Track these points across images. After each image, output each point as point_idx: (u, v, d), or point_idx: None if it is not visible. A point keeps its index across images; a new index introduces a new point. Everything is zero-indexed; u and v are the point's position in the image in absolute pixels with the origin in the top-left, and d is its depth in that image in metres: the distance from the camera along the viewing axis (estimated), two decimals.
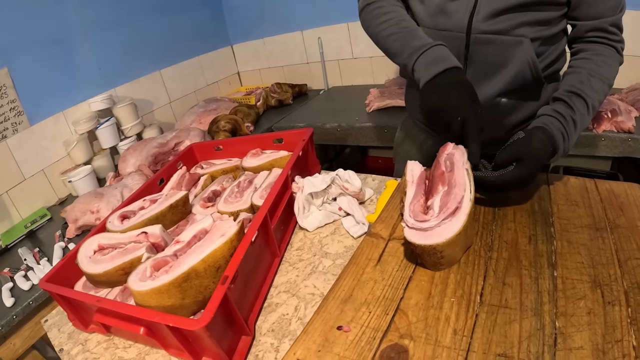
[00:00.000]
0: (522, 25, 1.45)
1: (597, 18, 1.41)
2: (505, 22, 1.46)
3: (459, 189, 1.15)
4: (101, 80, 3.62)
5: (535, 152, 1.28)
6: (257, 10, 4.50)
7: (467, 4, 1.49)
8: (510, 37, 1.47)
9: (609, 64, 1.42)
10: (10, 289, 2.16)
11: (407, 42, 1.50)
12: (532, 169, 1.27)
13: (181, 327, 1.01)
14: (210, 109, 3.76)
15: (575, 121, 1.35)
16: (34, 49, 3.13)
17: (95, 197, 2.49)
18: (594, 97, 1.37)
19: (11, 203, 3.02)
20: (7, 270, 2.34)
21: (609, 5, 1.39)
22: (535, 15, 1.45)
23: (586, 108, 1.37)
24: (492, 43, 1.50)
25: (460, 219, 1.07)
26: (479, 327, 0.90)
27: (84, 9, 3.43)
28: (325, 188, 1.57)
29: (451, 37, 1.54)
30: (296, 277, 1.38)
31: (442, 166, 1.25)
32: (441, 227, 1.07)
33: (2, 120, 2.94)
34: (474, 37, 1.51)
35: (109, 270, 1.36)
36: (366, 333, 0.94)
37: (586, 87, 1.38)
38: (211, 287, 1.18)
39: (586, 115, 1.37)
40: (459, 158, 1.24)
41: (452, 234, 1.05)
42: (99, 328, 1.39)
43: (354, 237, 1.48)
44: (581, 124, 1.36)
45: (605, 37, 1.43)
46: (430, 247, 1.04)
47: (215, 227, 1.27)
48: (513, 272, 1.04)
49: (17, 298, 2.09)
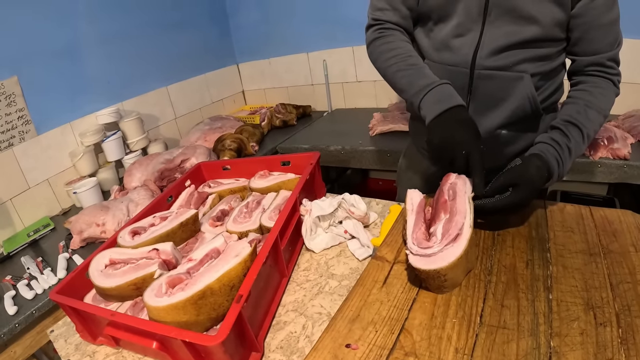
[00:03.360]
0: (523, 62, 1.51)
1: (596, 54, 1.47)
2: (507, 59, 1.51)
3: (459, 217, 1.21)
4: (109, 93, 3.66)
5: (531, 178, 1.34)
6: (264, 30, 4.53)
7: (472, 41, 1.55)
8: (512, 73, 1.52)
9: (605, 96, 1.49)
10: (12, 297, 2.17)
11: (414, 79, 1.56)
12: (528, 194, 1.32)
13: (198, 343, 1.03)
14: (215, 127, 3.77)
15: (570, 149, 1.41)
16: (44, 60, 3.18)
17: (101, 210, 2.50)
18: (589, 126, 1.44)
19: (14, 211, 3.04)
20: (10, 278, 2.36)
21: (606, 41, 1.46)
22: (535, 52, 1.51)
23: (581, 137, 1.43)
24: (495, 78, 1.55)
25: (461, 244, 1.13)
26: (479, 346, 0.94)
27: (94, 22, 3.48)
28: (332, 211, 1.60)
29: (456, 72, 1.60)
30: (303, 296, 1.40)
31: (445, 195, 1.30)
32: (444, 252, 1.12)
33: (10, 128, 2.96)
34: (477, 72, 1.56)
35: (121, 284, 1.39)
36: (373, 351, 0.98)
37: (582, 117, 1.44)
38: (225, 304, 1.21)
39: (581, 144, 1.43)
40: (461, 187, 1.30)
41: (454, 258, 1.10)
42: (108, 341, 1.40)
43: (359, 260, 1.50)
44: (576, 152, 1.43)
45: (603, 70, 1.49)
46: (435, 271, 1.09)
47: (229, 248, 1.31)
48: (511, 294, 1.08)
49: (20, 307, 2.09)
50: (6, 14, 2.93)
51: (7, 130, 2.96)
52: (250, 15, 4.57)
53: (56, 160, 3.30)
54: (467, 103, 1.64)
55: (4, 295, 2.17)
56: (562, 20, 1.44)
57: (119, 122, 3.57)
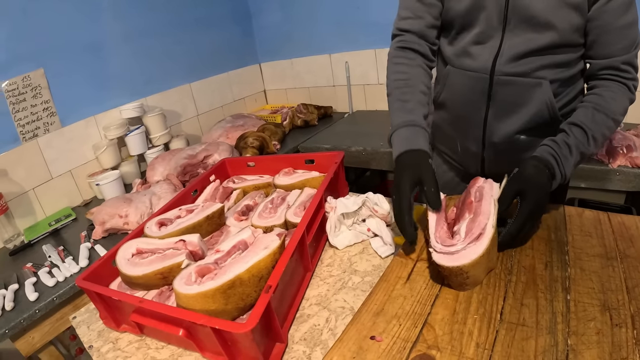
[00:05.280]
0: (542, 68, 1.53)
1: (610, 57, 1.48)
2: (526, 65, 1.54)
3: (483, 217, 1.24)
4: (133, 88, 3.71)
5: (532, 179, 1.34)
6: (286, 31, 4.55)
7: (492, 48, 1.58)
8: (531, 79, 1.55)
9: (616, 100, 1.48)
10: (33, 283, 2.20)
11: (396, 114, 1.63)
12: (537, 196, 1.31)
13: (228, 330, 1.06)
14: (237, 124, 3.79)
15: (569, 146, 1.42)
16: (70, 54, 3.23)
17: (124, 202, 2.54)
18: (594, 128, 1.43)
19: (36, 200, 3.09)
20: (30, 265, 2.40)
21: (621, 45, 1.45)
22: (554, 58, 1.52)
23: (585, 138, 1.43)
24: (513, 84, 1.57)
25: (483, 243, 1.16)
26: (499, 341, 0.97)
27: (121, 19, 3.53)
28: (356, 209, 1.62)
29: (476, 78, 1.64)
30: (327, 291, 1.43)
31: (472, 196, 1.34)
32: (467, 250, 1.16)
33: (35, 119, 3.02)
34: (497, 78, 1.59)
35: (148, 273, 1.41)
36: (397, 343, 1.01)
37: (588, 120, 1.45)
38: (252, 295, 1.24)
39: (586, 144, 1.43)
40: (488, 190, 1.34)
41: (476, 255, 1.13)
42: (132, 328, 1.44)
43: (381, 257, 1.52)
44: (579, 150, 1.43)
45: (617, 74, 1.49)
46: (457, 268, 1.13)
47: (258, 240, 1.34)
48: (530, 294, 1.10)
49: (41, 293, 2.13)
50: (35, 7, 2.98)
51: (32, 121, 3.01)
52: (273, 16, 4.59)
53: (79, 152, 3.35)
54: (487, 109, 1.67)
55: (24, 282, 2.21)
56: (579, 25, 1.46)
57: (143, 117, 3.60)
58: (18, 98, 2.95)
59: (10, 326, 1.98)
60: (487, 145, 1.74)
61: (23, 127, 2.99)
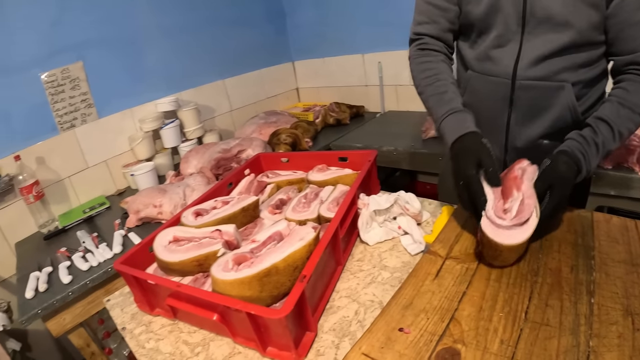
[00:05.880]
0: (563, 71, 1.53)
1: (632, 52, 1.45)
2: (548, 68, 1.54)
3: (530, 202, 1.28)
4: (168, 83, 3.77)
5: (563, 175, 1.36)
6: (320, 30, 4.55)
7: (512, 51, 1.58)
8: (553, 83, 1.55)
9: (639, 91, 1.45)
10: (67, 267, 2.27)
11: (436, 107, 1.65)
12: (564, 191, 1.35)
13: (264, 316, 1.10)
14: (270, 121, 3.81)
15: (597, 143, 1.42)
16: (108, 48, 3.30)
17: (158, 192, 2.59)
18: (619, 123, 1.43)
19: (72, 188, 3.18)
20: (65, 250, 2.46)
21: None
22: (575, 59, 1.52)
23: (611, 133, 1.43)
24: (535, 88, 1.58)
25: (527, 231, 1.22)
26: (522, 339, 0.99)
27: (157, 15, 3.60)
28: (388, 207, 1.64)
29: (497, 83, 1.65)
30: (357, 284, 1.46)
31: (515, 172, 1.37)
32: (511, 231, 1.23)
33: (73, 110, 3.10)
34: (519, 83, 1.60)
35: (184, 260, 1.47)
36: (424, 336, 1.04)
37: (613, 115, 1.44)
38: (286, 284, 1.28)
39: (612, 140, 1.43)
40: (530, 172, 1.37)
41: (516, 241, 1.21)
42: (165, 312, 1.49)
43: (411, 254, 1.55)
44: (605, 147, 1.43)
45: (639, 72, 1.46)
46: (496, 243, 1.20)
47: (294, 231, 1.38)
48: (555, 295, 1.12)
49: (75, 277, 2.19)
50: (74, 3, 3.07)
51: (70, 112, 3.10)
52: (307, 15, 4.60)
53: (115, 143, 3.42)
54: (509, 114, 1.68)
55: (58, 265, 2.27)
56: (597, 22, 1.45)
57: (177, 111, 3.66)
58: (57, 89, 3.03)
59: (44, 306, 2.04)
60: (510, 149, 1.75)
61: (61, 118, 3.07)
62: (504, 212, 1.30)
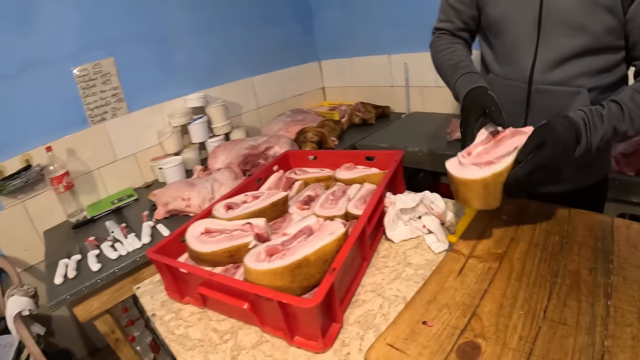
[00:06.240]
0: (580, 76, 1.55)
1: None
2: (564, 73, 1.56)
3: (501, 150, 1.35)
4: (197, 79, 3.82)
5: (557, 133, 1.32)
6: (347, 30, 4.55)
7: (528, 55, 1.62)
8: (569, 88, 1.57)
9: None
10: (96, 255, 2.33)
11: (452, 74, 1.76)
12: (555, 151, 1.31)
13: (295, 305, 1.14)
14: (297, 119, 3.84)
15: (602, 115, 1.37)
16: (139, 44, 3.38)
17: (187, 186, 2.64)
18: (632, 108, 1.38)
19: (101, 179, 3.26)
20: (93, 239, 2.53)
21: None
22: (591, 63, 1.53)
23: (621, 113, 1.37)
24: (552, 93, 1.60)
25: (484, 172, 1.30)
26: (540, 336, 1.03)
27: (187, 12, 3.66)
28: (413, 206, 1.67)
29: (514, 86, 1.70)
30: (382, 280, 1.48)
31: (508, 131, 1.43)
32: (468, 169, 1.33)
33: (104, 104, 3.18)
34: (535, 87, 1.64)
35: (216, 251, 1.52)
36: (446, 329, 1.09)
37: (627, 98, 1.39)
38: (316, 276, 1.32)
39: (621, 120, 1.37)
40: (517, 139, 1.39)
41: (470, 177, 1.32)
42: (195, 300, 1.54)
43: (434, 253, 1.57)
44: (611, 122, 1.37)
45: None
46: (451, 175, 1.33)
47: (325, 226, 1.43)
48: (573, 296, 1.15)
49: (104, 265, 2.25)
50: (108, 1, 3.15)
51: (101, 105, 3.18)
52: (334, 14, 4.61)
53: (144, 137, 3.50)
54: (525, 117, 1.72)
55: (87, 253, 2.34)
56: (614, 27, 1.45)
57: (206, 107, 3.72)
58: (88, 84, 3.11)
59: (72, 292, 2.11)
60: None
61: (92, 111, 3.15)
62: (468, 153, 1.39)
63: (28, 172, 2.83)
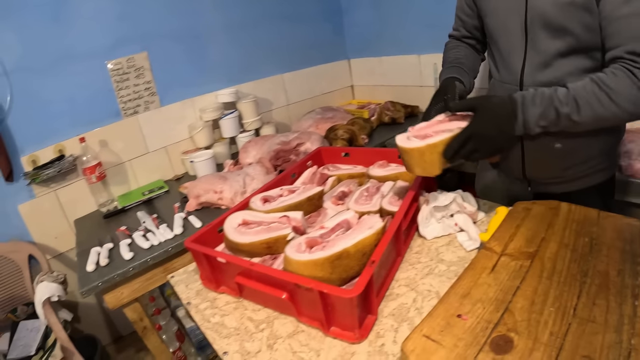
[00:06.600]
0: (567, 76, 1.57)
1: (614, 48, 1.44)
2: (552, 74, 1.60)
3: (441, 127, 1.54)
4: (228, 75, 3.87)
5: (490, 102, 1.48)
6: (377, 29, 4.55)
7: (518, 58, 1.70)
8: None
9: (616, 78, 1.39)
10: (128, 244, 2.39)
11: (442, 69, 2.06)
12: (485, 120, 1.46)
13: (336, 295, 1.18)
14: (327, 116, 3.85)
15: (543, 94, 1.45)
16: (172, 39, 3.44)
17: (219, 179, 2.69)
18: (580, 94, 1.41)
19: (132, 171, 3.33)
20: (125, 229, 2.59)
21: (626, 35, 1.40)
22: (578, 64, 1.57)
23: (567, 97, 1.42)
24: None
25: (420, 143, 1.51)
26: (570, 333, 1.05)
27: (219, 9, 3.71)
28: (447, 204, 1.70)
29: (509, 89, 1.75)
30: (415, 275, 1.51)
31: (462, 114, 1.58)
32: (410, 141, 1.56)
33: (137, 97, 3.25)
34: (526, 89, 1.64)
35: (255, 242, 1.56)
36: (480, 323, 1.11)
37: (578, 86, 1.43)
38: (355, 268, 1.36)
39: (564, 104, 1.42)
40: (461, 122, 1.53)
41: (409, 146, 1.53)
42: (230, 290, 1.58)
43: (466, 250, 1.59)
44: (552, 103, 1.44)
45: (622, 63, 1.41)
46: (397, 145, 1.59)
47: (363, 220, 1.47)
48: (602, 296, 1.17)
49: (136, 254, 2.31)
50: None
51: (134, 99, 3.26)
52: (364, 14, 4.61)
53: (175, 131, 3.56)
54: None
55: (119, 242, 2.40)
56: (592, 25, 1.47)
57: (237, 102, 3.76)
58: (122, 77, 3.18)
59: (104, 280, 2.17)
60: (526, 152, 1.79)
61: (125, 104, 3.23)
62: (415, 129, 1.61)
63: (61, 161, 2.90)
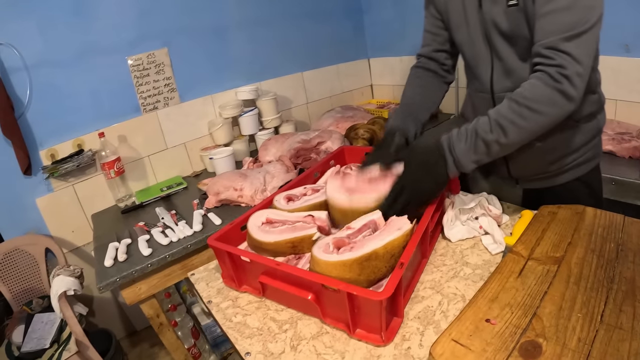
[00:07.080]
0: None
1: (535, 44, 1.44)
2: (517, 80, 1.56)
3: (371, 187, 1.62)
4: (248, 72, 3.88)
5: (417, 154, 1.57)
6: (397, 29, 4.54)
7: (486, 68, 1.74)
8: None
9: (532, 85, 1.41)
10: (146, 240, 2.40)
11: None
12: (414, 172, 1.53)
13: (366, 297, 1.17)
14: (347, 115, 3.84)
15: (467, 131, 1.53)
16: (193, 36, 3.46)
17: (239, 176, 2.69)
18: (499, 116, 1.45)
19: (150, 167, 3.34)
20: (143, 224, 2.60)
21: (547, 30, 1.40)
22: None
23: (488, 125, 1.47)
24: None
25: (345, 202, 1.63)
26: (598, 339, 1.05)
27: (240, 6, 3.72)
28: (472, 207, 1.70)
29: (482, 97, 1.81)
30: (440, 277, 1.50)
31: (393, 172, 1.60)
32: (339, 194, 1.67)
33: (157, 93, 3.26)
34: (497, 96, 1.73)
35: (279, 241, 1.55)
36: (509, 328, 1.11)
37: (497, 109, 1.48)
38: (383, 270, 1.35)
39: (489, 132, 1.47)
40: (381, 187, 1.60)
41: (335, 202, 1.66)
42: (252, 289, 1.58)
43: (491, 254, 1.59)
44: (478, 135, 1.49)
45: (540, 62, 1.42)
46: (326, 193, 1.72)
47: (392, 222, 1.45)
48: (628, 302, 1.17)
49: (154, 250, 2.32)
50: None
51: (154, 95, 3.27)
52: (385, 13, 4.60)
53: (194, 127, 3.58)
54: None
55: (138, 238, 2.41)
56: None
57: (257, 100, 3.77)
58: (142, 73, 3.20)
59: (122, 275, 2.18)
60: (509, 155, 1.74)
61: (145, 100, 3.25)
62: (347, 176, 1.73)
63: (80, 156, 2.92)
